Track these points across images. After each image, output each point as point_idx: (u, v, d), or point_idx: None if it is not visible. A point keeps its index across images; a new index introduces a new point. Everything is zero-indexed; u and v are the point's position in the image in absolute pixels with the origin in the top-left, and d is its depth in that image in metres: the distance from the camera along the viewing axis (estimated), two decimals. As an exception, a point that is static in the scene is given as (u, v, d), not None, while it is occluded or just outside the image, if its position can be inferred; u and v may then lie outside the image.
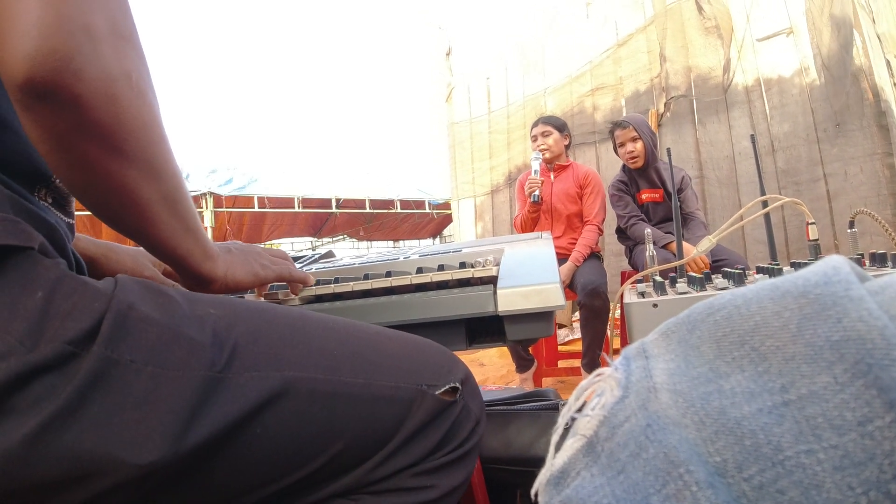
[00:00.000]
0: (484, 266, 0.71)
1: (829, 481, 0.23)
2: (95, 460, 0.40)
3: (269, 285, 0.77)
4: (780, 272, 0.83)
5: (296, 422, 0.48)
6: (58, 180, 0.55)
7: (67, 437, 0.39)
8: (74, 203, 0.60)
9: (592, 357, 2.47)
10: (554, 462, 0.32)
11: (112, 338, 0.41)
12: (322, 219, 11.11)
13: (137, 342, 0.42)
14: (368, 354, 0.54)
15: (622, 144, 2.58)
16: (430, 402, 0.54)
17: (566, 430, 0.33)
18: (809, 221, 1.11)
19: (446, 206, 9.26)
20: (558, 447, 0.33)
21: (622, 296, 0.95)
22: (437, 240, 13.23)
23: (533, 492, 0.32)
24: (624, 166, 2.69)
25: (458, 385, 0.56)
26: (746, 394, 0.27)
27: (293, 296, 0.74)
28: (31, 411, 0.39)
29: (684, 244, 2.26)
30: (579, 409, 0.33)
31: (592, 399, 0.33)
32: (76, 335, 0.40)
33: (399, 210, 10.82)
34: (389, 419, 0.52)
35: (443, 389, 0.55)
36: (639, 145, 2.52)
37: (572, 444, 0.32)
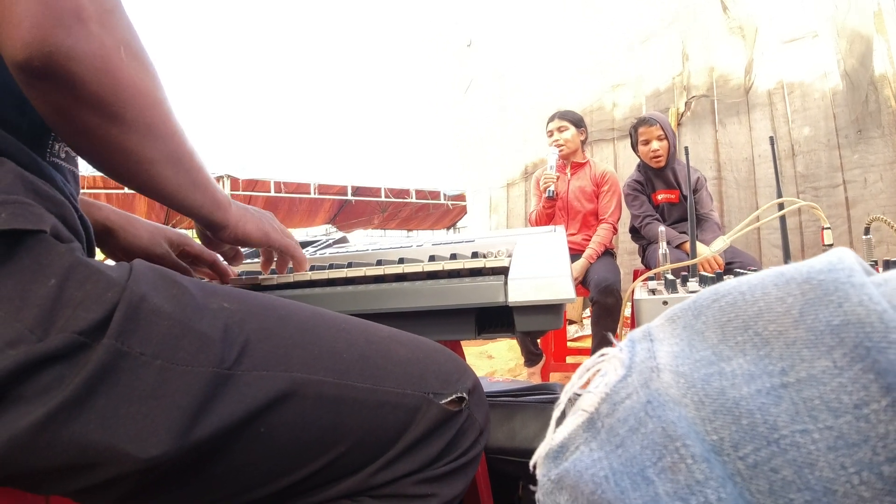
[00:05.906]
0: (496, 256, 0.71)
1: (822, 461, 0.24)
2: (100, 452, 0.40)
3: (286, 269, 0.78)
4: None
5: (300, 423, 0.48)
6: None
7: (73, 428, 0.39)
8: None
9: (601, 354, 2.47)
10: (554, 436, 0.32)
11: (123, 330, 0.42)
12: (337, 206, 11.16)
13: (148, 335, 0.43)
14: (377, 359, 0.54)
15: (647, 142, 2.54)
16: (435, 412, 0.54)
17: (568, 406, 0.34)
18: (825, 226, 1.10)
19: (461, 197, 9.25)
20: (559, 423, 0.33)
21: (633, 292, 0.95)
22: (451, 231, 13.25)
23: (531, 464, 0.33)
24: (639, 165, 2.67)
25: (464, 395, 0.56)
26: (746, 376, 0.28)
27: (308, 276, 0.74)
28: (38, 400, 0.39)
29: (698, 245, 2.24)
30: (583, 388, 0.34)
31: (596, 378, 0.34)
32: (87, 326, 0.41)
33: (414, 199, 10.84)
34: (393, 425, 0.52)
35: (449, 399, 0.55)
36: (665, 144, 2.50)
37: (573, 420, 0.32)
